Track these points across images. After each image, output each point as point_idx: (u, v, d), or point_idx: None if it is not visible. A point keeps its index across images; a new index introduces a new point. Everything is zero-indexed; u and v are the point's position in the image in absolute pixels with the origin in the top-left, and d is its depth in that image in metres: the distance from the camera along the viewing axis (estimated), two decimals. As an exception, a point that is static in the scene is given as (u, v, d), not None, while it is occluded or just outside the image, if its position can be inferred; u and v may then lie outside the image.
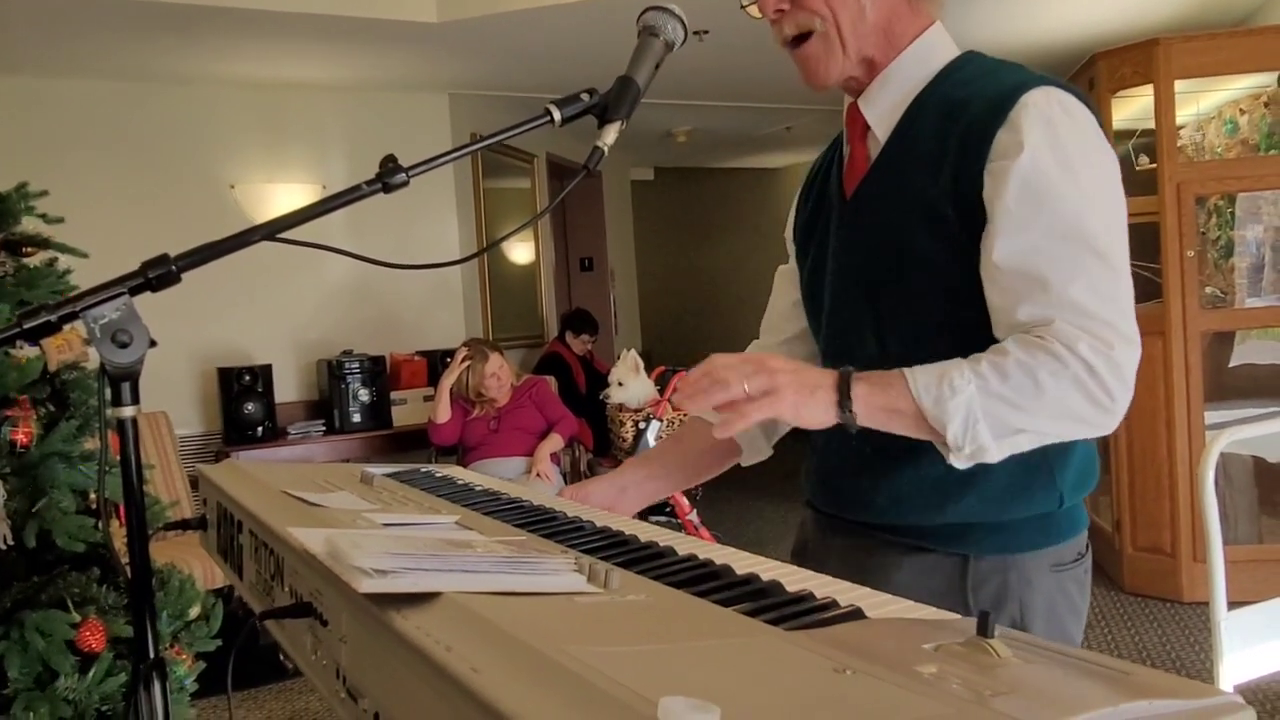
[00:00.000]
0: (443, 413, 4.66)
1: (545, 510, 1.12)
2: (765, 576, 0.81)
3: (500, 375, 4.68)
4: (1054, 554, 1.21)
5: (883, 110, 1.22)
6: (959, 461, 1.06)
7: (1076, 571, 1.24)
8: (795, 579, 0.82)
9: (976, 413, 1.02)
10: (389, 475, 1.35)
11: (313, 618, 0.83)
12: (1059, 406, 1.03)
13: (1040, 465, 1.17)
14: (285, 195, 5.11)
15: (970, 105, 1.14)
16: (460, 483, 1.35)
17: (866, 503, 1.25)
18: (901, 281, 1.19)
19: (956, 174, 1.12)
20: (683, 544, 0.93)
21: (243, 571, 1.13)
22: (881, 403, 1.05)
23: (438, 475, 1.42)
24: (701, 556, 0.88)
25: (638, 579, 0.78)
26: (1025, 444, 1.06)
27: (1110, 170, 1.12)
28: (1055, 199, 1.07)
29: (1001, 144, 1.09)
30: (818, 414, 1.04)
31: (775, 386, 1.03)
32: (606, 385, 5.22)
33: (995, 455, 1.05)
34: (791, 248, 1.44)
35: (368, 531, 0.93)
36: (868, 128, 1.24)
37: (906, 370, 1.06)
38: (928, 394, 1.03)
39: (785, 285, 1.46)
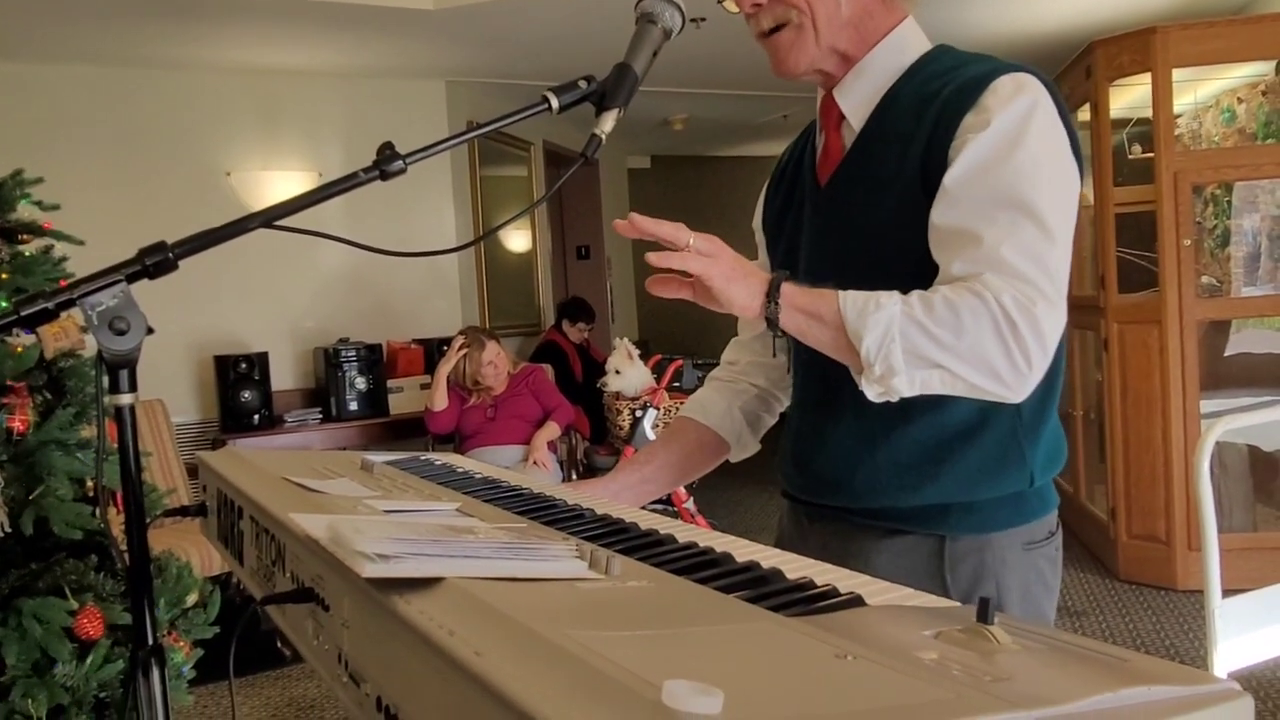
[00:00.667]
0: (440, 400, 4.66)
1: (545, 498, 1.13)
2: (765, 564, 0.81)
3: (497, 363, 4.68)
4: (1026, 532, 1.23)
5: (858, 101, 1.26)
6: (870, 388, 1.05)
7: (1048, 549, 1.27)
8: (795, 566, 0.82)
9: (895, 332, 1.02)
10: (389, 463, 1.35)
11: (314, 603, 0.83)
12: (976, 349, 1.03)
13: (1011, 445, 1.20)
14: (281, 182, 5.10)
15: (943, 93, 1.17)
16: (460, 470, 1.35)
17: (843, 488, 1.27)
18: (874, 264, 1.21)
19: (927, 158, 1.16)
20: (682, 532, 0.94)
21: (243, 558, 1.13)
22: (805, 303, 1.05)
23: (437, 463, 1.42)
24: (701, 544, 0.88)
25: (639, 565, 0.79)
26: (937, 383, 1.05)
27: (1063, 150, 1.15)
28: (1000, 168, 1.09)
29: (968, 124, 1.13)
30: (743, 296, 1.04)
31: (716, 254, 1.04)
32: (603, 373, 5.23)
33: (905, 385, 1.04)
34: (761, 239, 1.47)
35: (369, 517, 0.93)
36: (842, 118, 1.28)
37: (840, 291, 1.06)
38: (852, 307, 1.04)
39: None
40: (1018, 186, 1.08)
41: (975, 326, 1.02)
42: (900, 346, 1.02)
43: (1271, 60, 4.57)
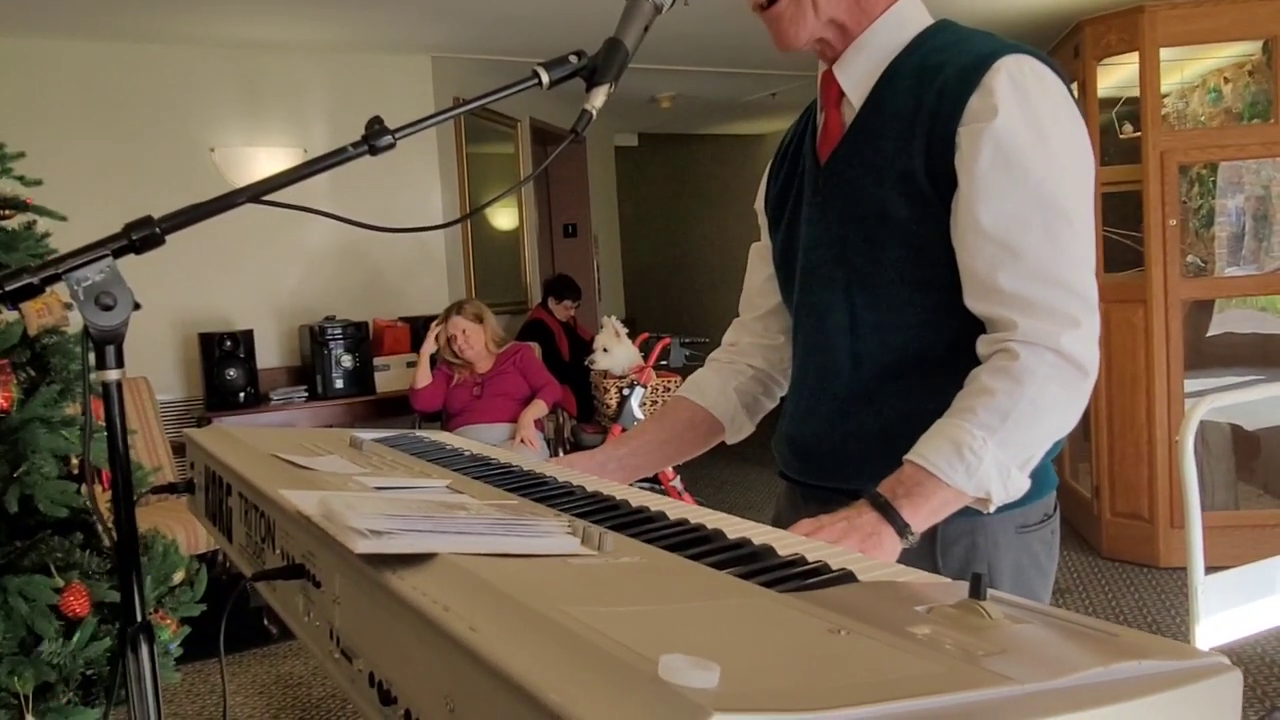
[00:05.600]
0: (422, 378, 4.65)
1: (536, 475, 1.13)
2: (757, 540, 0.81)
3: (469, 335, 4.64)
4: (1020, 515, 1.23)
5: (857, 77, 1.24)
6: (994, 507, 1.11)
7: (1043, 533, 1.26)
8: (787, 543, 0.83)
9: (1005, 464, 1.08)
10: (378, 440, 1.35)
11: (305, 579, 0.83)
12: (1054, 411, 1.10)
13: None
14: (266, 159, 5.04)
15: (944, 70, 1.16)
16: (450, 448, 1.35)
17: (838, 469, 1.26)
18: (873, 243, 1.21)
19: (930, 137, 1.15)
20: (673, 509, 0.94)
21: (232, 535, 1.12)
22: (928, 510, 1.08)
23: (427, 440, 1.42)
24: (693, 521, 0.88)
25: (630, 542, 0.79)
26: (1040, 455, 1.12)
27: (1079, 136, 1.16)
28: (1028, 165, 1.10)
29: (974, 108, 1.12)
30: (894, 552, 1.06)
31: (834, 537, 1.05)
32: (590, 351, 5.22)
33: (1026, 483, 1.11)
34: (763, 219, 1.46)
35: (361, 494, 0.92)
36: (842, 95, 1.26)
37: (917, 458, 1.08)
38: (956, 473, 1.07)
39: (759, 262, 1.48)
40: (1047, 186, 1.10)
41: (1046, 397, 1.08)
42: (1015, 468, 1.08)
43: (1258, 40, 4.57)
